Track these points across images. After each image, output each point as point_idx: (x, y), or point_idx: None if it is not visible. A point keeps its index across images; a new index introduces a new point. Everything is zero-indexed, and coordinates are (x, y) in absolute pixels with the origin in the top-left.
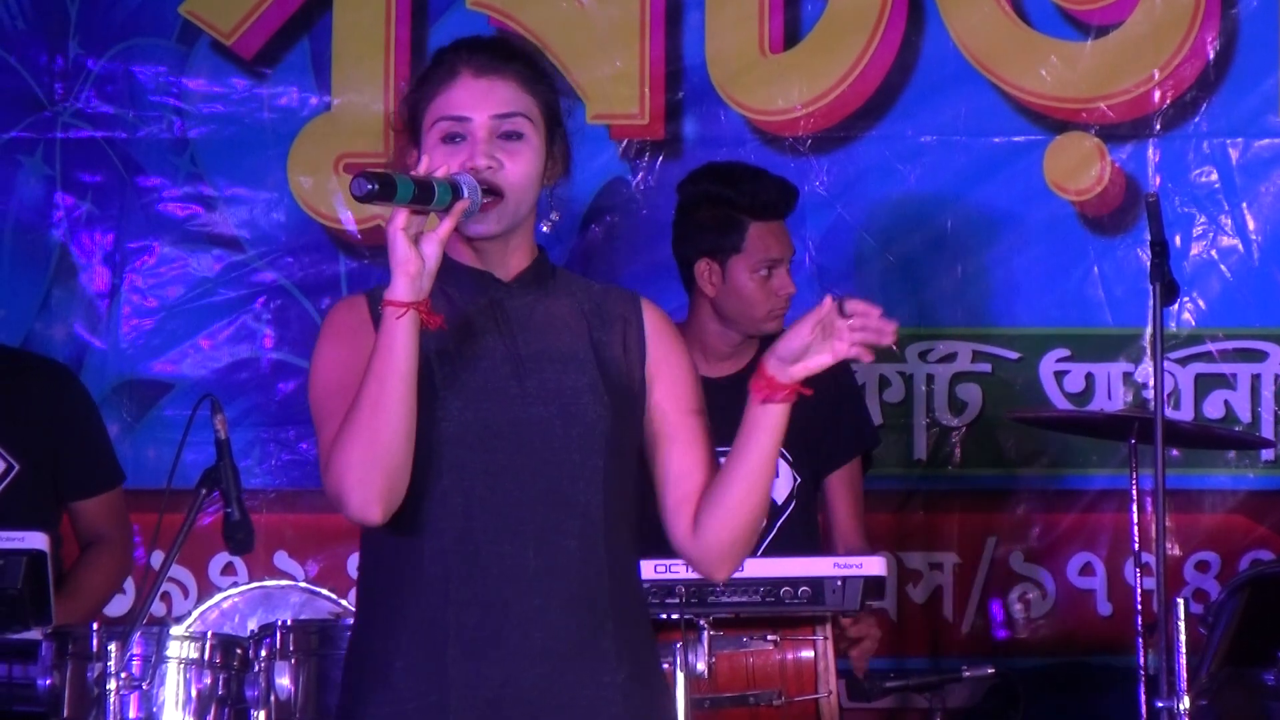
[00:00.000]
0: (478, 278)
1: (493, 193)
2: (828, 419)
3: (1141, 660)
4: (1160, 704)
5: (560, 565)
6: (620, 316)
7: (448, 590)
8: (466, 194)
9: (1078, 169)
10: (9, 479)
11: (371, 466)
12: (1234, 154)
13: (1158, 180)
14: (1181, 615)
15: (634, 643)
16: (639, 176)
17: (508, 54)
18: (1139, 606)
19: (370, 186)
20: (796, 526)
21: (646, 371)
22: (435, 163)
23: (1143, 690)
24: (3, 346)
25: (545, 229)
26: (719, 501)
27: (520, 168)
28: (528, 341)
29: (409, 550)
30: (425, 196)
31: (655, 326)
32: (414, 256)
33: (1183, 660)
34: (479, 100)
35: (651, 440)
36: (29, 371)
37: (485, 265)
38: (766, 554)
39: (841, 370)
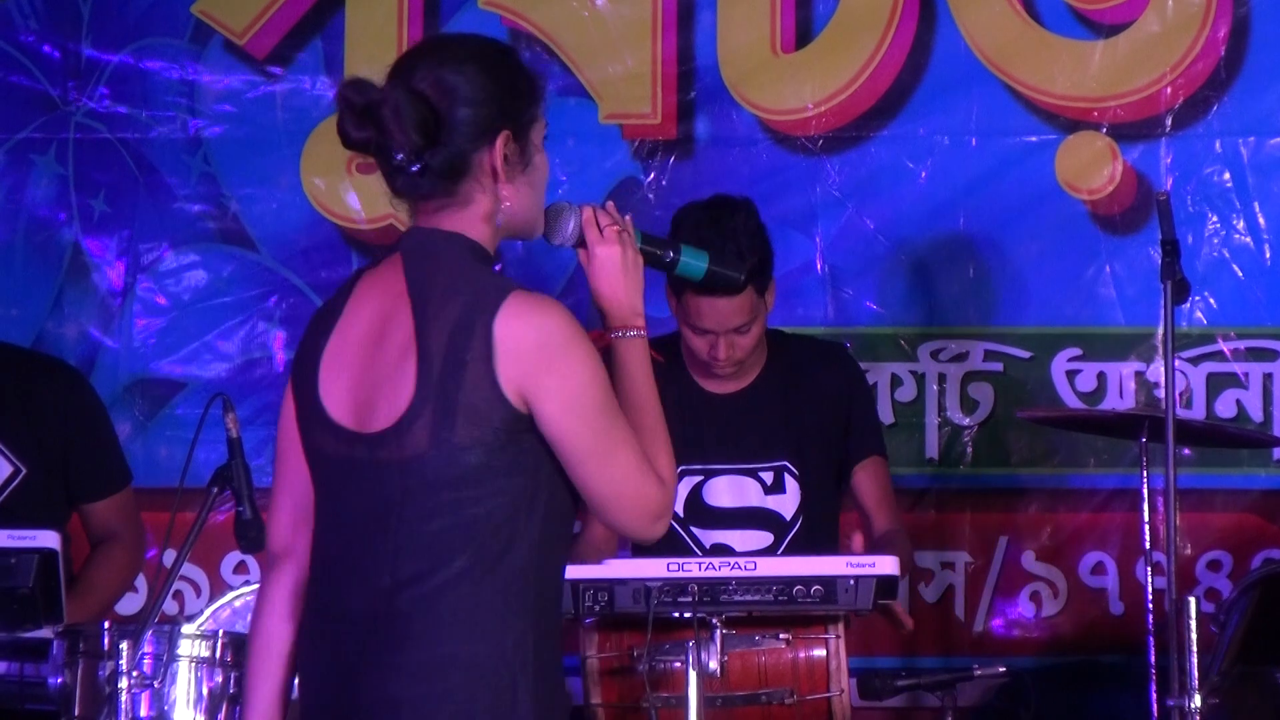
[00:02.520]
0: None
1: None
2: (845, 421)
3: (1153, 659)
4: (1171, 703)
5: None
6: None
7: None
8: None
9: (1089, 168)
10: (16, 482)
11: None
12: (1246, 153)
13: (1169, 179)
14: (1193, 614)
15: None
16: (651, 176)
17: None
18: (1150, 605)
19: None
20: (802, 542)
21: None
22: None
23: (1154, 689)
24: (12, 347)
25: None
26: None
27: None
28: None
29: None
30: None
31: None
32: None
33: (1194, 659)
34: None
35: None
36: (38, 373)
37: None
38: None
39: (855, 372)
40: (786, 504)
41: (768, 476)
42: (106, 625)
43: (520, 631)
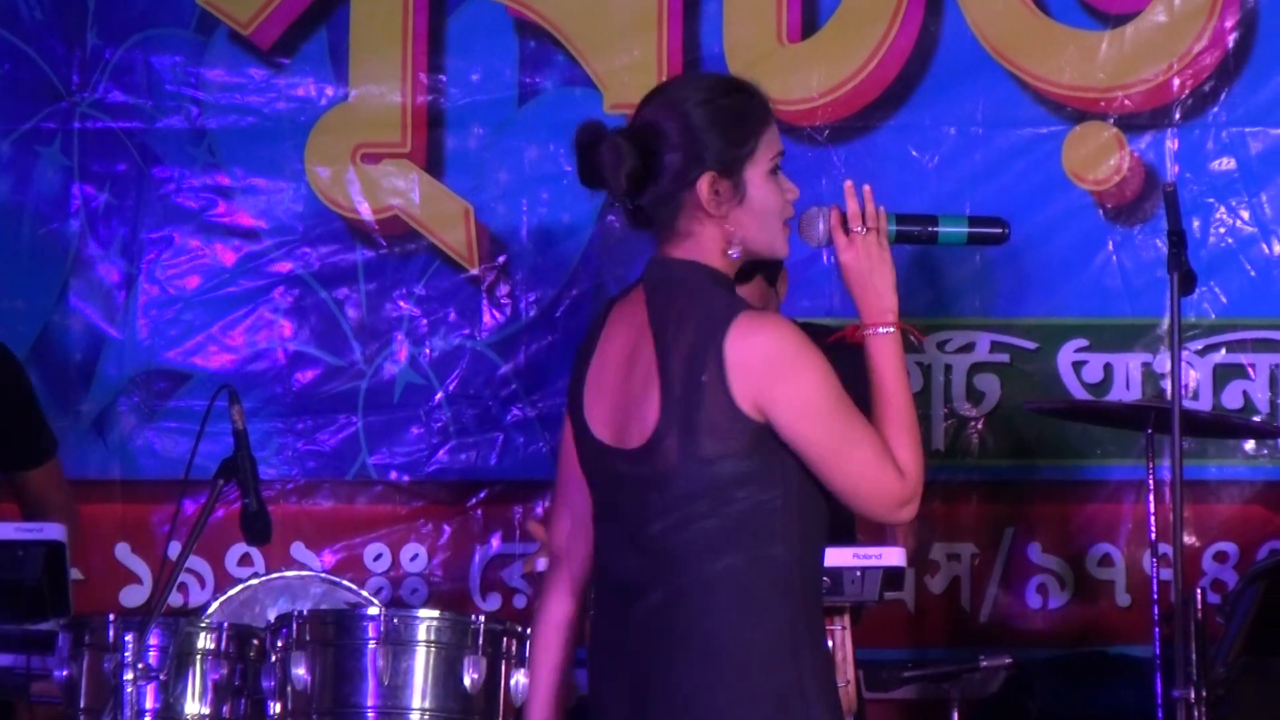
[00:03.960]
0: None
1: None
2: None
3: (1159, 651)
4: (1177, 694)
5: None
6: None
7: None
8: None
9: (1096, 159)
10: None
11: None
12: (1253, 143)
13: (1176, 170)
14: (1199, 605)
15: None
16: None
17: None
18: (1156, 597)
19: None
20: None
21: None
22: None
23: (1160, 680)
24: None
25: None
26: None
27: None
28: None
29: (815, 555)
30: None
31: None
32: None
33: (1200, 650)
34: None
35: None
36: None
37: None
38: None
39: (861, 364)
40: None
41: None
42: (112, 618)
43: (792, 618)
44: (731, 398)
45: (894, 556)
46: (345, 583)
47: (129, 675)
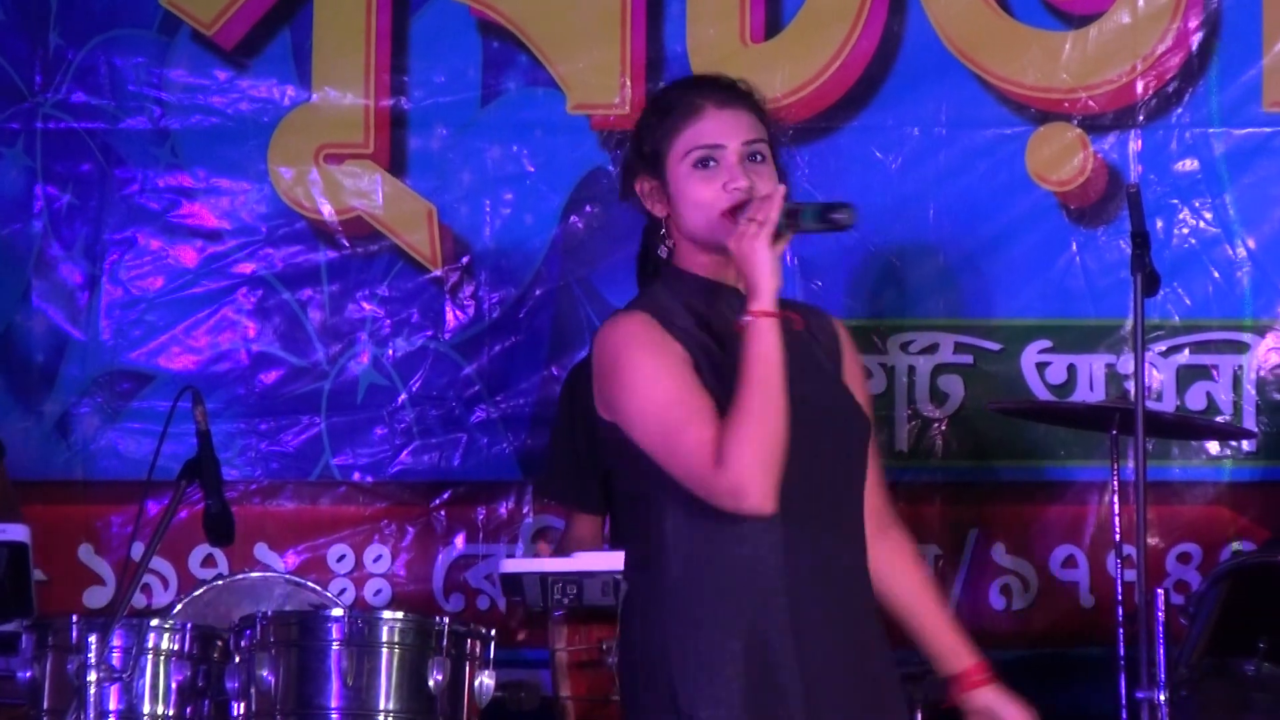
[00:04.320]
0: (714, 289)
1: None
2: None
3: (1122, 652)
4: (1141, 695)
5: (861, 556)
6: (831, 334)
7: (778, 582)
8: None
9: (1060, 159)
10: None
11: (771, 464)
12: (1217, 144)
13: (1140, 171)
14: (1162, 606)
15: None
16: (620, 166)
17: (741, 90)
18: (1120, 598)
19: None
20: None
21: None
22: (703, 192)
23: (1124, 681)
24: None
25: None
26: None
27: (768, 186)
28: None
29: (746, 540)
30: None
31: (849, 344)
32: (779, 270)
33: (1163, 651)
34: (729, 129)
35: None
36: None
37: (719, 277)
38: None
39: None
40: None
41: None
42: (75, 619)
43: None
44: (596, 404)
45: None
46: (309, 584)
47: (92, 676)
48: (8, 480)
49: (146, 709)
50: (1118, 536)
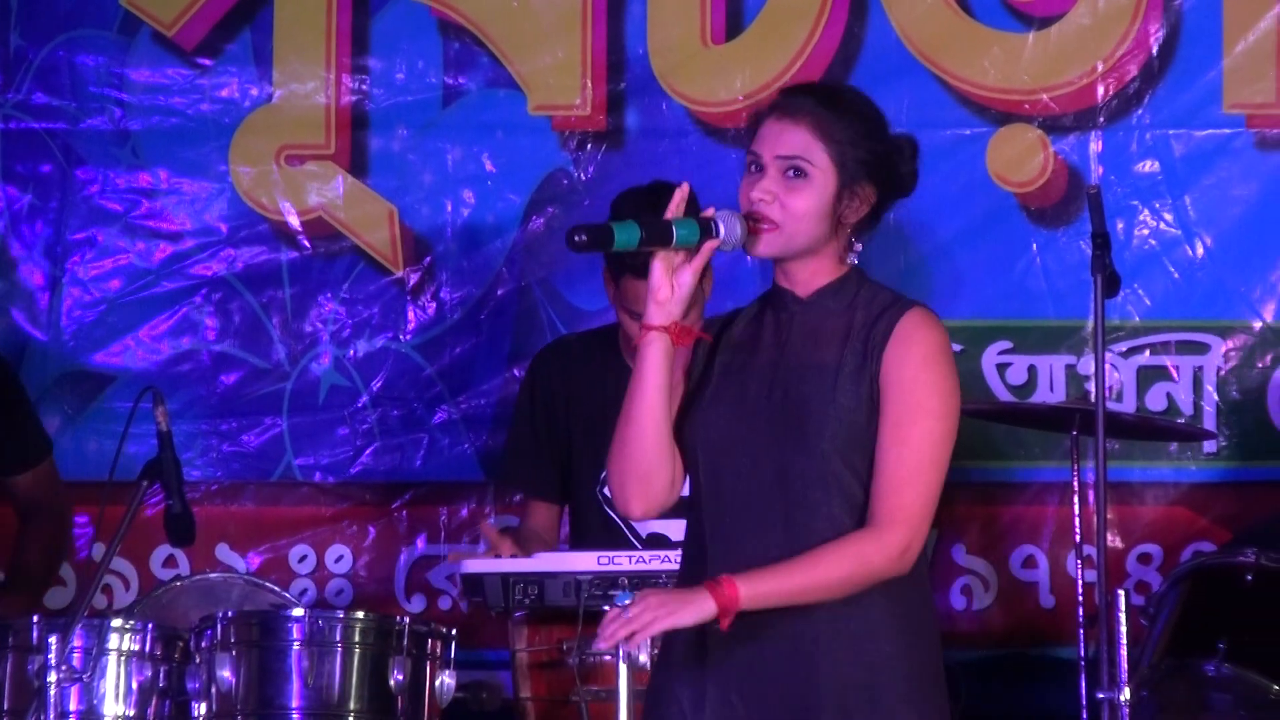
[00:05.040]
0: (781, 296)
1: (767, 221)
2: None
3: (1083, 652)
4: (1101, 695)
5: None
6: (881, 329)
7: (705, 574)
8: (722, 231)
9: (1020, 161)
10: None
11: (627, 472)
12: (1177, 146)
13: (1100, 172)
14: (1122, 607)
15: (873, 618)
16: (581, 168)
17: (812, 102)
18: (1081, 598)
19: (579, 238)
20: None
21: (881, 381)
22: (742, 197)
23: (1084, 681)
24: None
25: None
26: None
27: (798, 202)
28: (795, 354)
29: (693, 541)
30: (656, 239)
31: (900, 337)
32: (665, 284)
33: (1124, 651)
34: (770, 141)
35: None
36: None
37: (789, 284)
38: None
39: None
40: None
41: None
42: (36, 619)
43: None
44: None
45: None
46: (268, 584)
47: (53, 677)
48: (56, 480)
49: (107, 709)
50: (1078, 537)
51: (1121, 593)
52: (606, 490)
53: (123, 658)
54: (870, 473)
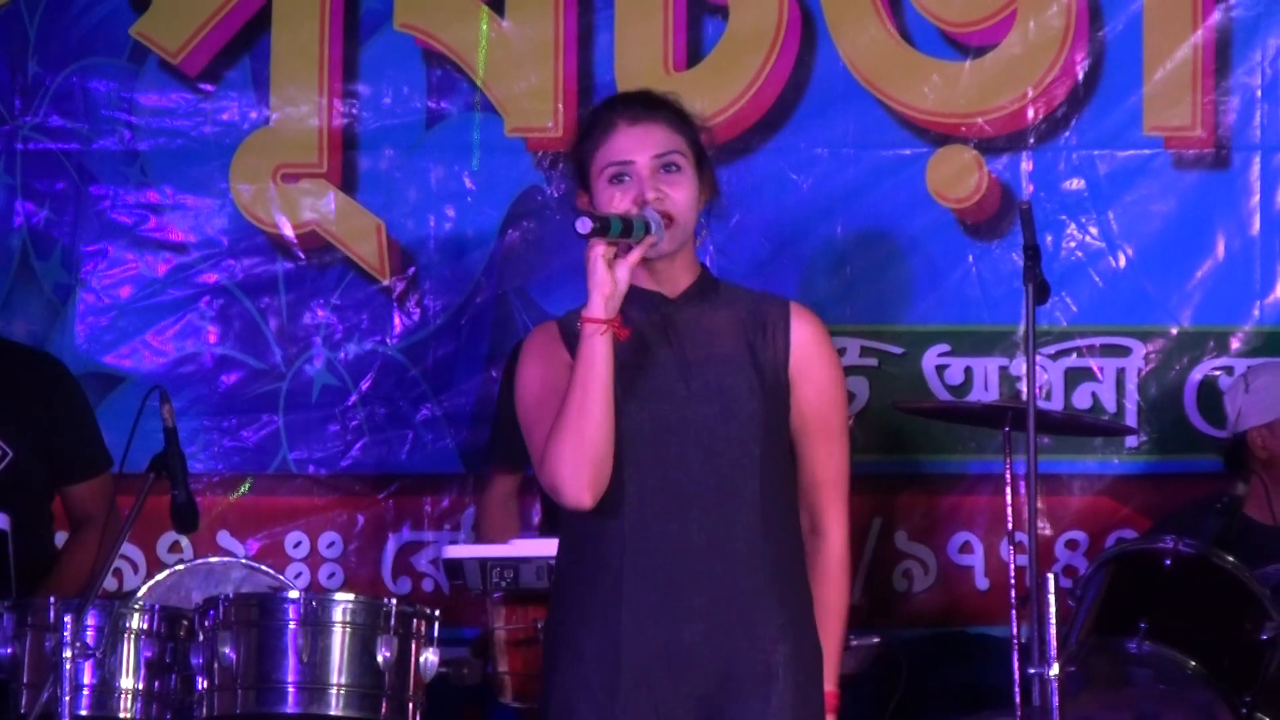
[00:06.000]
0: (649, 297)
1: (669, 218)
2: None
3: (1015, 630)
4: (1032, 670)
5: (723, 539)
6: (772, 321)
7: (622, 567)
8: (654, 228)
9: (957, 179)
10: (4, 463)
11: (581, 461)
12: (1101, 165)
13: (1031, 189)
14: (1052, 589)
15: (790, 598)
16: (553, 185)
17: (654, 103)
18: (1013, 581)
19: (594, 225)
20: None
21: (790, 372)
22: (616, 204)
23: (1016, 658)
24: (2, 341)
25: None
26: None
27: (682, 194)
28: (694, 349)
29: (596, 533)
30: (628, 231)
31: (801, 331)
32: (609, 280)
33: (1053, 630)
34: (638, 145)
35: (794, 433)
36: (24, 364)
37: (656, 285)
38: None
39: None
40: None
41: None
42: (52, 600)
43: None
44: None
45: None
46: (264, 568)
47: (68, 653)
48: (110, 494)
49: (118, 683)
50: (1010, 525)
51: (1051, 576)
52: None
53: (132, 636)
54: (784, 454)
